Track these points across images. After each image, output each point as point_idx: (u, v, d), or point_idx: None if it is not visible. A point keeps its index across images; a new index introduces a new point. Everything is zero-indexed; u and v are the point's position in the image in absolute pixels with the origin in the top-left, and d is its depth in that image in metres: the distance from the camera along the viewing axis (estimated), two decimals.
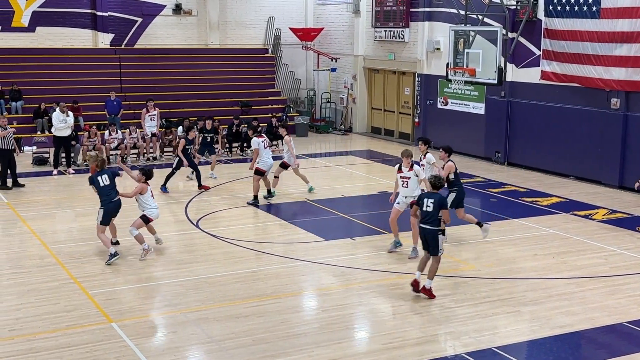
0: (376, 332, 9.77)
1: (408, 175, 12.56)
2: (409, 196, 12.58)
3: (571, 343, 9.51)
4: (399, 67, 26.17)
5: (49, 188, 18.46)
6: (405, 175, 12.59)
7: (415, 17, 24.99)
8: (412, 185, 12.58)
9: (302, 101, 30.24)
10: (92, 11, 27.16)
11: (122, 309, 10.37)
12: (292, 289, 11.37)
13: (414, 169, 12.54)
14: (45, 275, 11.76)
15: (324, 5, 29.97)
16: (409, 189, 12.60)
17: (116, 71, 26.67)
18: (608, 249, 13.47)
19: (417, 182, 12.60)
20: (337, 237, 14.07)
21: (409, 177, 12.56)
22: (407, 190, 12.63)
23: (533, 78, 20.76)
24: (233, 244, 13.59)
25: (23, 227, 14.73)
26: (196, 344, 9.27)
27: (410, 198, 12.54)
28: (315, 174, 18.97)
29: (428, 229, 10.77)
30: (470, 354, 9.01)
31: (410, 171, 12.54)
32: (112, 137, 21.60)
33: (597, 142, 19.04)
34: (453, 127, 23.75)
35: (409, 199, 12.55)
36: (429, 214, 10.73)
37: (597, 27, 18.61)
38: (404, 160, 12.57)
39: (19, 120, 23.81)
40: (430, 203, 10.75)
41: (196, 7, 28.80)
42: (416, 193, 12.43)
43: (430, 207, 10.72)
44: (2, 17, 25.99)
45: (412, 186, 12.58)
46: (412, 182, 12.57)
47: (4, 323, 9.84)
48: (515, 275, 11.93)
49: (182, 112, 25.38)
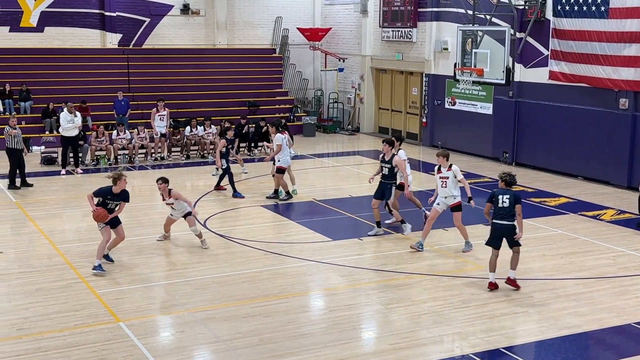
0: (383, 332, 9.76)
1: (447, 175, 12.85)
2: (449, 196, 12.88)
3: (579, 344, 9.48)
4: (407, 67, 26.14)
5: (57, 188, 18.52)
6: (444, 175, 12.87)
7: (423, 17, 24.96)
8: (451, 185, 12.84)
9: (309, 101, 30.25)
10: (100, 11, 27.24)
11: (129, 308, 10.40)
12: (299, 289, 11.37)
13: (452, 169, 12.85)
14: (53, 275, 11.80)
15: (331, 5, 29.97)
16: (447, 189, 12.86)
17: (124, 71, 26.75)
18: (616, 249, 13.43)
19: (455, 182, 12.86)
20: (344, 237, 14.06)
21: (447, 177, 12.85)
22: (446, 191, 12.87)
23: (541, 78, 20.70)
24: (240, 243, 13.60)
25: (31, 226, 14.78)
26: (203, 344, 9.28)
27: (450, 199, 12.88)
28: (323, 174, 18.97)
29: (505, 225, 10.98)
30: (477, 354, 8.99)
31: (449, 171, 12.85)
32: (120, 137, 21.65)
33: (605, 142, 18.97)
34: (461, 127, 23.72)
35: (449, 200, 12.89)
36: (505, 209, 10.94)
37: (606, 27, 18.54)
38: (441, 160, 12.88)
39: (27, 120, 23.90)
40: (505, 199, 10.96)
41: (204, 7, 28.84)
42: (455, 193, 12.80)
43: (507, 203, 10.93)
44: (10, 17, 26.09)
45: (451, 186, 12.84)
46: (450, 182, 12.83)
47: (12, 322, 9.88)
48: (523, 275, 11.88)
49: (189, 112, 25.42)
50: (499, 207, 10.99)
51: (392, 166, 13.71)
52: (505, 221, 10.96)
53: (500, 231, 11.03)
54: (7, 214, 15.86)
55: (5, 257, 12.84)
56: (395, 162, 13.65)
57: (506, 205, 10.91)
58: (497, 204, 11.01)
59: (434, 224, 13.21)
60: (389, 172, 13.76)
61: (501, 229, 11.00)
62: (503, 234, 11.02)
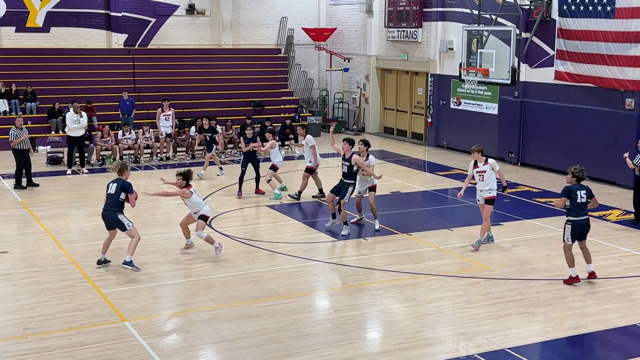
0: (388, 332, 9.76)
1: (484, 169, 13.19)
2: (484, 190, 13.20)
3: (585, 344, 9.46)
4: (412, 67, 26.12)
5: (62, 187, 18.57)
6: (482, 169, 13.21)
7: (428, 17, 24.95)
8: (488, 177, 13.15)
9: (314, 101, 30.26)
10: (106, 11, 27.31)
11: (135, 308, 10.41)
12: (304, 289, 11.37)
13: (489, 162, 13.19)
14: (59, 274, 11.83)
15: (336, 5, 29.97)
16: (484, 182, 13.19)
17: (130, 71, 26.81)
18: (622, 250, 13.40)
19: (492, 175, 13.18)
20: (349, 237, 14.05)
21: (484, 170, 13.17)
22: (483, 184, 13.22)
23: (547, 78, 20.66)
24: (246, 243, 13.61)
25: (37, 226, 14.82)
26: (208, 344, 9.29)
27: (485, 192, 13.20)
28: (328, 174, 18.94)
29: (587, 220, 11.36)
30: (483, 354, 8.98)
31: (486, 165, 13.19)
32: (126, 137, 21.69)
33: (611, 142, 18.92)
34: (466, 127, 23.69)
35: (484, 193, 13.21)
36: (584, 204, 11.28)
37: (612, 27, 18.50)
38: (476, 155, 13.22)
39: (33, 120, 23.97)
40: (583, 194, 11.25)
41: (209, 8, 28.88)
42: (492, 186, 13.15)
43: (584, 198, 11.23)
44: (16, 18, 26.17)
45: (488, 179, 13.15)
46: (487, 175, 13.16)
47: (18, 321, 9.91)
48: (529, 276, 11.88)
49: (194, 112, 25.46)
50: (578, 203, 11.22)
51: (351, 164, 13.95)
52: (586, 216, 11.32)
53: (584, 226, 11.34)
54: (13, 213, 15.91)
55: (11, 256, 12.88)
56: (355, 161, 13.87)
57: (584, 200, 11.20)
58: (575, 200, 11.21)
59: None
60: (348, 170, 14.01)
61: (584, 224, 11.32)
62: (585, 229, 11.34)
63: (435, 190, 18.67)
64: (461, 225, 14.90)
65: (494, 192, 13.21)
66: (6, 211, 16.04)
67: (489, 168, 13.14)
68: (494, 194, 13.22)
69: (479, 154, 13.22)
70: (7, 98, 24.35)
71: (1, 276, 11.81)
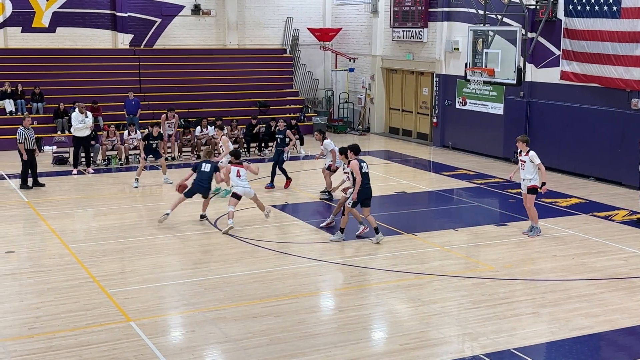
0: (394, 332, 9.75)
1: (524, 159, 13.80)
2: (525, 179, 13.83)
3: (591, 345, 9.43)
4: (417, 67, 26.10)
5: (68, 187, 18.61)
6: (522, 159, 13.86)
7: (434, 17, 24.92)
8: (528, 168, 13.74)
9: (319, 101, 30.26)
10: (111, 12, 27.36)
11: (140, 307, 10.43)
12: (309, 289, 11.37)
13: (529, 154, 13.72)
14: (64, 274, 11.85)
15: (342, 5, 29.97)
16: (525, 171, 13.84)
17: (135, 71, 26.86)
18: (628, 250, 13.36)
19: (533, 166, 13.72)
20: (354, 237, 14.04)
21: (524, 160, 13.78)
22: (524, 173, 13.88)
23: (552, 78, 20.63)
24: (251, 243, 13.62)
25: (43, 226, 14.85)
26: (214, 343, 9.30)
27: (526, 181, 13.82)
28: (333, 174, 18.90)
29: None
30: (488, 355, 8.96)
31: (526, 155, 13.74)
32: (131, 137, 21.72)
33: (617, 142, 18.88)
34: (471, 127, 23.66)
35: (526, 182, 13.81)
36: None
37: (618, 27, 18.45)
38: (521, 145, 13.83)
39: (39, 120, 24.01)
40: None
41: (215, 8, 28.92)
42: (530, 176, 13.73)
43: None
44: (22, 18, 26.24)
45: (528, 169, 13.74)
46: (527, 166, 13.75)
47: (24, 321, 9.93)
48: (534, 276, 11.86)
49: (200, 112, 25.48)
50: None
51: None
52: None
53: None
54: (19, 213, 15.95)
55: (17, 256, 12.91)
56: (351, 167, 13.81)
57: None
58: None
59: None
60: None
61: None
62: None
63: (440, 190, 18.64)
64: (467, 225, 14.89)
65: (534, 181, 13.71)
66: (12, 211, 16.08)
67: (528, 160, 13.67)
68: (534, 183, 13.76)
69: (523, 144, 13.77)
70: (14, 98, 24.43)
71: (7, 276, 11.84)
